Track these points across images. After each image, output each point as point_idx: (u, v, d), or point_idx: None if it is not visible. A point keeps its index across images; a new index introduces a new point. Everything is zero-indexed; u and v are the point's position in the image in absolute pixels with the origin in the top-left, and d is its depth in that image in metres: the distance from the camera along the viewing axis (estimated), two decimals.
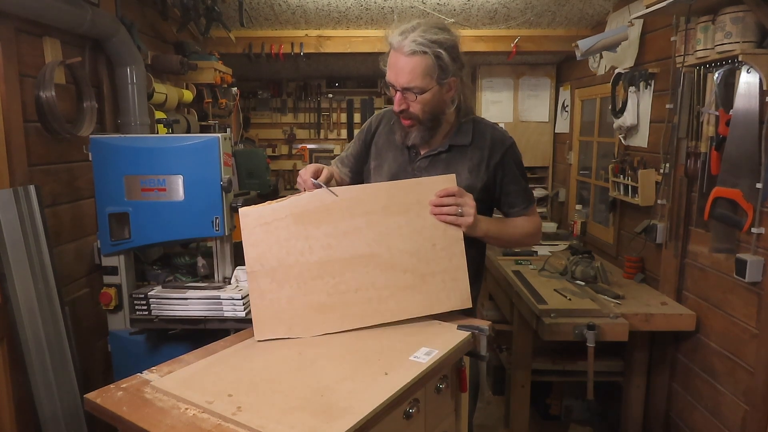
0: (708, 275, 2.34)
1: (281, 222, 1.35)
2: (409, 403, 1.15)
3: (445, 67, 1.41)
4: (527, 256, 3.31)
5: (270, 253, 1.35)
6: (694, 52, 2.23)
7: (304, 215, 1.36)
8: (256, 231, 1.36)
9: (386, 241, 1.38)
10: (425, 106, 1.45)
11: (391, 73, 1.44)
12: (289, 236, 1.35)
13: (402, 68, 1.40)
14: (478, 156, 1.56)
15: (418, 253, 1.38)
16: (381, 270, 1.37)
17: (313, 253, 1.36)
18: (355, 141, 1.74)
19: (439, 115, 1.51)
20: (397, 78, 1.42)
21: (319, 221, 1.36)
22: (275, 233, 1.35)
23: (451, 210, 1.37)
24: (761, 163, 1.96)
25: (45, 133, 2.03)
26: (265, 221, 1.35)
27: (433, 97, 1.45)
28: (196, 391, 1.07)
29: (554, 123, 4.60)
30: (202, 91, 3.27)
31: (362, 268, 1.37)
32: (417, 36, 1.39)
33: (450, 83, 1.46)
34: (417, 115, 1.47)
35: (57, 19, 1.99)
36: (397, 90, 1.44)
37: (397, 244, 1.38)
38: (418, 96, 1.43)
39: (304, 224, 1.36)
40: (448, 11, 3.41)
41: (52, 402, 1.90)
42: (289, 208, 1.36)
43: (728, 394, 2.20)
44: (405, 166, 1.59)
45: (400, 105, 1.45)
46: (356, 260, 1.37)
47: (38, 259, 1.88)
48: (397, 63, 1.41)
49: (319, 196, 1.37)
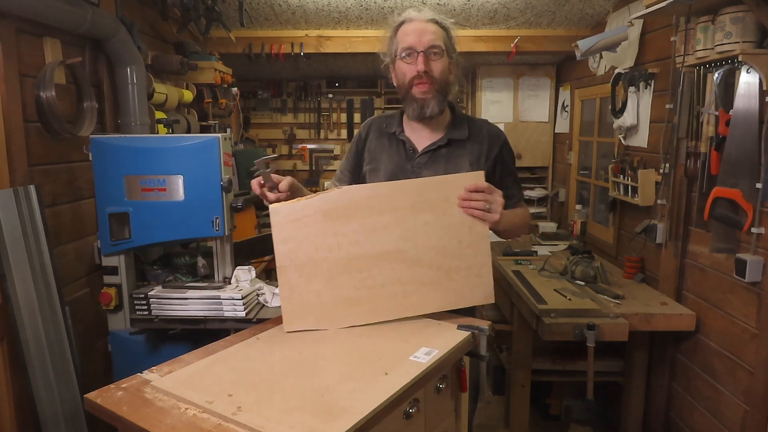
0: (708, 275, 2.34)
1: (310, 218, 1.38)
2: (409, 403, 1.15)
3: (452, 43, 1.54)
4: (527, 256, 3.31)
5: (299, 249, 1.38)
6: (694, 52, 2.23)
7: (333, 212, 1.38)
8: (286, 227, 1.38)
9: (413, 238, 1.40)
10: (442, 73, 1.52)
11: (412, 37, 1.49)
12: (318, 232, 1.38)
13: (424, 30, 1.49)
14: (478, 149, 1.59)
15: (444, 249, 1.40)
16: (407, 266, 1.40)
17: (341, 249, 1.39)
18: (347, 156, 1.75)
19: (447, 90, 1.56)
20: (421, 38, 1.49)
21: (348, 218, 1.38)
22: (305, 230, 1.38)
23: (480, 205, 1.37)
24: (761, 163, 1.96)
25: (45, 133, 2.04)
26: (295, 218, 1.38)
27: (446, 66, 1.53)
28: (196, 391, 1.07)
29: (554, 123, 4.60)
30: (202, 91, 3.27)
31: (388, 264, 1.39)
32: (430, 11, 1.53)
33: (455, 62, 1.55)
34: (436, 77, 1.51)
35: (57, 19, 1.99)
36: (418, 52, 1.49)
37: (423, 241, 1.40)
38: (440, 58, 1.50)
39: (332, 221, 1.38)
40: (448, 11, 3.41)
41: (52, 402, 1.90)
42: (318, 204, 1.38)
43: (728, 394, 2.20)
44: (402, 165, 1.60)
45: (425, 65, 1.49)
46: (383, 256, 1.39)
47: (38, 259, 1.88)
48: (418, 27, 1.50)
49: (347, 193, 1.40)
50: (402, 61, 1.52)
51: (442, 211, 1.40)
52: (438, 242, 1.40)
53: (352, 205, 1.38)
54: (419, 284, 1.40)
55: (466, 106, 4.92)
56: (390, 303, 1.40)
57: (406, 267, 1.40)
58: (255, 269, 2.07)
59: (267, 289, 1.98)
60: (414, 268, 1.40)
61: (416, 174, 1.57)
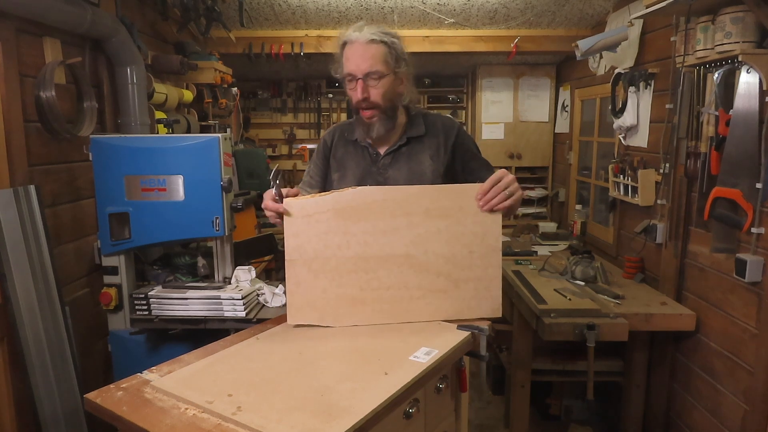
0: (708, 275, 2.34)
1: (322, 215, 1.39)
2: (409, 403, 1.15)
3: (398, 56, 1.52)
4: (527, 256, 3.31)
5: (309, 245, 1.39)
6: (694, 52, 2.23)
7: (345, 211, 1.39)
8: (297, 222, 1.39)
9: (424, 244, 1.40)
10: (385, 93, 1.52)
11: (351, 63, 1.50)
12: (329, 230, 1.39)
13: (363, 54, 1.48)
14: (435, 142, 1.64)
15: (454, 258, 1.41)
16: (415, 271, 1.40)
17: (350, 248, 1.39)
18: (315, 161, 1.77)
19: (395, 105, 1.57)
20: (359, 65, 1.48)
21: (359, 218, 1.39)
22: (316, 226, 1.39)
23: (502, 197, 1.37)
24: (761, 163, 1.96)
25: (45, 133, 2.04)
26: (307, 213, 1.39)
27: (390, 85, 1.53)
28: (196, 391, 1.07)
29: (554, 123, 4.60)
30: (202, 91, 3.27)
31: (396, 268, 1.40)
32: (371, 29, 1.49)
33: (402, 75, 1.55)
34: (378, 102, 1.52)
35: (57, 19, 1.99)
36: (358, 78, 1.49)
37: (434, 248, 1.40)
38: (379, 81, 1.50)
39: (344, 219, 1.39)
40: (448, 11, 3.41)
41: (52, 402, 1.90)
42: (331, 202, 1.39)
43: (728, 394, 2.20)
44: (369, 168, 1.64)
45: (363, 93, 1.50)
46: (391, 259, 1.40)
47: (38, 259, 1.88)
48: (357, 51, 1.49)
49: (361, 194, 1.40)
50: (347, 85, 1.54)
51: (455, 219, 1.40)
52: (449, 250, 1.40)
53: (364, 206, 1.39)
54: (426, 290, 1.41)
55: (466, 106, 4.92)
56: (395, 306, 1.40)
57: (414, 272, 1.40)
58: (255, 269, 2.07)
59: (267, 289, 1.98)
60: (422, 274, 1.40)
61: (382, 175, 1.61)
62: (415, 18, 3.51)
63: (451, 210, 1.40)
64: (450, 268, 1.41)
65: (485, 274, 1.41)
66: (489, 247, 1.41)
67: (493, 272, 1.41)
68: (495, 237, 1.41)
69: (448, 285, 1.41)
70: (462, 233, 1.40)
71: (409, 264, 1.40)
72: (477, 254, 1.41)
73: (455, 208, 1.40)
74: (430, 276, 1.40)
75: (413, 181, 1.58)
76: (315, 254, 1.40)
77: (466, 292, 1.41)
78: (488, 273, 1.41)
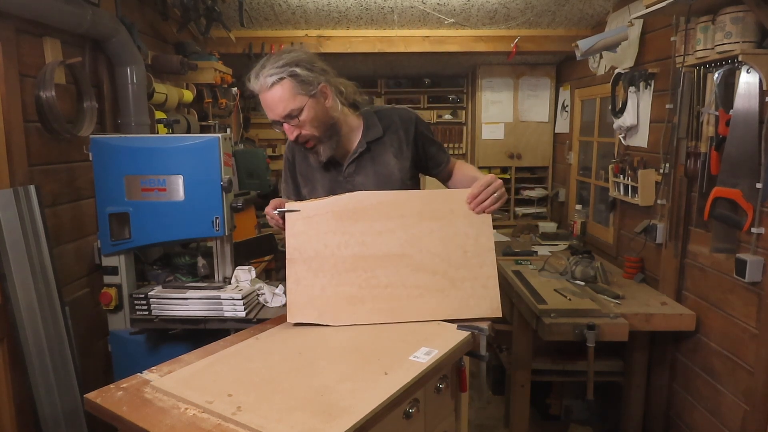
0: (708, 275, 2.34)
1: (322, 217, 1.44)
2: (409, 403, 1.15)
3: (306, 79, 1.46)
4: (527, 256, 3.31)
5: (308, 244, 1.44)
6: (694, 52, 2.23)
7: (343, 213, 1.44)
8: (298, 223, 1.45)
9: (418, 244, 1.44)
10: (313, 121, 1.50)
11: (268, 112, 1.50)
12: (328, 230, 1.44)
13: (272, 102, 1.46)
14: (396, 140, 1.65)
15: (449, 258, 1.44)
16: (411, 270, 1.43)
17: (348, 247, 1.43)
18: (285, 179, 1.79)
19: (331, 123, 1.55)
20: (274, 112, 1.48)
21: (356, 219, 1.44)
22: (316, 226, 1.44)
23: (491, 201, 1.44)
24: (761, 163, 1.96)
25: (45, 133, 2.04)
26: (308, 215, 1.45)
27: (314, 111, 1.49)
28: (196, 391, 1.07)
29: (554, 123, 4.60)
30: (202, 91, 3.27)
31: (393, 267, 1.43)
32: (267, 70, 1.45)
33: (321, 91, 1.50)
34: (312, 134, 1.52)
35: (57, 19, 1.99)
36: (281, 122, 1.50)
37: (429, 247, 1.44)
38: (300, 118, 1.48)
39: (342, 221, 1.44)
40: (448, 11, 3.41)
41: (52, 402, 1.90)
42: (330, 205, 1.45)
43: (728, 394, 2.20)
44: (336, 178, 1.65)
45: (292, 133, 1.51)
46: (388, 258, 1.43)
47: (38, 259, 1.88)
48: (266, 100, 1.47)
49: (357, 198, 1.45)
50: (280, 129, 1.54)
51: (447, 221, 1.44)
52: (443, 250, 1.43)
53: (360, 208, 1.44)
54: (424, 289, 1.42)
55: (466, 106, 4.92)
56: (393, 305, 1.41)
57: (410, 271, 1.42)
58: (255, 269, 2.06)
59: (267, 289, 1.98)
60: (419, 273, 1.43)
61: (350, 183, 1.62)
62: (415, 18, 3.51)
63: (442, 212, 1.45)
64: (446, 267, 1.43)
65: (481, 273, 1.43)
66: (483, 247, 1.44)
67: (488, 271, 1.43)
68: (487, 237, 1.44)
69: (445, 284, 1.42)
70: (455, 234, 1.44)
71: (406, 263, 1.43)
72: (471, 254, 1.43)
73: (446, 211, 1.45)
74: (427, 275, 1.42)
75: (382, 183, 1.60)
76: (315, 253, 1.43)
77: (463, 291, 1.42)
78: (484, 272, 1.43)
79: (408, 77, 4.90)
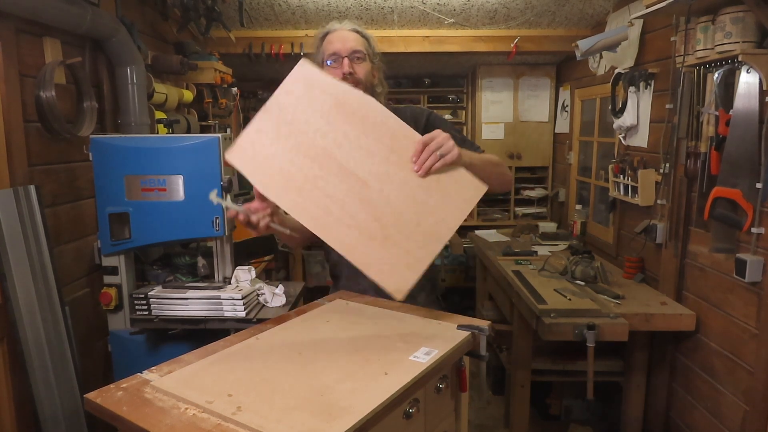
0: (708, 275, 2.34)
1: (321, 95, 1.33)
2: (409, 403, 1.15)
3: (373, 51, 1.66)
4: (527, 256, 3.31)
5: (291, 111, 1.33)
6: (694, 52, 2.23)
7: (343, 106, 1.32)
8: (298, 87, 1.34)
9: (385, 184, 1.32)
10: (367, 74, 1.62)
11: (335, 44, 1.61)
12: (316, 111, 1.32)
13: (347, 37, 1.62)
14: None
15: (400, 217, 1.32)
16: (359, 200, 1.31)
17: (324, 138, 1.32)
18: None
19: (373, 92, 1.64)
20: (345, 44, 1.60)
21: (350, 121, 1.32)
22: (310, 100, 1.33)
23: (433, 158, 1.31)
24: (761, 163, 1.96)
25: (45, 133, 2.04)
26: (311, 83, 1.34)
27: (369, 69, 1.64)
28: (196, 390, 1.07)
29: (554, 123, 4.60)
30: (202, 91, 3.27)
31: (347, 185, 1.31)
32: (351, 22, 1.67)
33: (376, 68, 1.66)
34: (360, 79, 1.60)
35: (57, 19, 1.99)
36: (343, 57, 1.59)
37: (390, 194, 1.32)
38: (362, 63, 1.61)
39: (336, 112, 1.32)
40: (448, 11, 3.41)
41: (52, 402, 1.90)
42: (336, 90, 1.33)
43: (728, 394, 2.20)
44: None
45: (349, 68, 1.59)
46: (349, 176, 1.31)
47: (38, 259, 1.88)
48: (341, 35, 1.63)
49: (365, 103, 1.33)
50: (329, 68, 1.61)
51: (426, 186, 1.33)
52: (400, 206, 1.32)
53: (361, 114, 1.32)
54: (354, 224, 1.31)
55: (466, 106, 4.92)
56: (320, 214, 1.31)
57: (358, 200, 1.31)
58: (255, 269, 2.07)
59: (267, 289, 1.98)
60: (364, 207, 1.31)
61: None
62: (415, 18, 3.51)
63: (429, 180, 1.32)
64: (389, 221, 1.32)
65: (415, 250, 1.32)
66: (436, 233, 1.33)
67: (423, 256, 1.32)
68: (449, 228, 1.33)
69: (377, 235, 1.31)
70: (423, 202, 1.32)
71: (360, 190, 1.31)
72: (421, 230, 1.32)
73: (434, 178, 1.33)
74: (369, 215, 1.31)
75: None
76: (292, 120, 1.32)
77: (386, 253, 1.32)
78: (418, 254, 1.32)
79: (408, 77, 4.90)
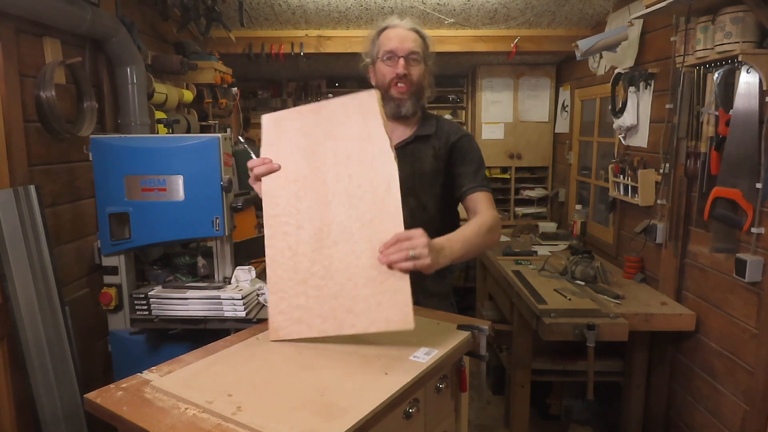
0: (708, 275, 2.34)
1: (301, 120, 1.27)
2: (409, 403, 1.15)
3: (428, 53, 1.63)
4: (527, 256, 3.31)
5: None
6: (694, 52, 2.23)
7: None
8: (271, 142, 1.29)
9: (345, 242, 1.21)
10: (419, 76, 1.61)
11: (394, 42, 1.59)
12: None
13: (406, 36, 1.60)
14: (438, 144, 1.68)
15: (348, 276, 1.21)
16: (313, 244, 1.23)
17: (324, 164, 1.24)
18: None
19: (420, 94, 1.64)
20: (403, 43, 1.58)
21: None
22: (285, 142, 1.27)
23: (402, 256, 1.14)
24: (761, 163, 1.96)
25: (45, 133, 2.03)
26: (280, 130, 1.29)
27: (422, 72, 1.62)
28: (196, 390, 1.07)
29: (554, 123, 4.60)
30: (202, 91, 3.27)
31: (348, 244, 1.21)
32: (412, 21, 1.65)
33: (428, 70, 1.64)
34: (414, 81, 1.60)
35: (57, 19, 1.99)
36: (399, 56, 1.58)
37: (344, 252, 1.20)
38: (417, 65, 1.59)
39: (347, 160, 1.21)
40: (448, 11, 3.41)
41: (52, 402, 1.90)
42: None
43: (728, 394, 2.20)
44: None
45: (405, 69, 1.58)
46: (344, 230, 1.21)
47: (38, 259, 1.88)
48: (401, 34, 1.60)
49: None
50: (383, 63, 1.61)
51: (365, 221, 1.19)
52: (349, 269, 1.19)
53: None
54: None
55: (466, 106, 4.92)
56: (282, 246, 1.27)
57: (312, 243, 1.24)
58: (255, 269, 2.07)
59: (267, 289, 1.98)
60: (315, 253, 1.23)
61: None
62: (415, 18, 3.50)
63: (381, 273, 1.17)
64: None
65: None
66: None
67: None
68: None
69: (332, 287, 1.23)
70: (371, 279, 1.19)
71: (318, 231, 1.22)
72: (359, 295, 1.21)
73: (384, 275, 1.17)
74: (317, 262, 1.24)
75: (415, 177, 1.62)
76: None
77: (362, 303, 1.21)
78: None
79: None
